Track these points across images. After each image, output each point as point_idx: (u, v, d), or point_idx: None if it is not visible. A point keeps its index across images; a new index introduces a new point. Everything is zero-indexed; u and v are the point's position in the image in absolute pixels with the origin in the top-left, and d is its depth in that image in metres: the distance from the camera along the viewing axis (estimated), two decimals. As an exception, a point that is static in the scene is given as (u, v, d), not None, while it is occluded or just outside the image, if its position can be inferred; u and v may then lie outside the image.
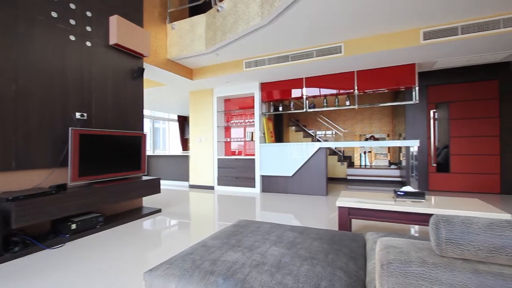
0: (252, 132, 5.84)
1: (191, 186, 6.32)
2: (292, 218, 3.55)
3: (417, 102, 4.59)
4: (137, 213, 3.58)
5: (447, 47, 3.67)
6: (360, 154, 7.44)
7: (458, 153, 5.12)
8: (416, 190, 2.30)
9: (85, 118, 3.08)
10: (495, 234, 0.72)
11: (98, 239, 2.68)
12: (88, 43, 3.16)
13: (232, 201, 4.71)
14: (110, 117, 3.42)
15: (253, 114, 5.82)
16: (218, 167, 5.97)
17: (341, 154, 7.69)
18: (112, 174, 3.24)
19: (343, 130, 8.35)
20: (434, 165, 5.23)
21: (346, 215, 2.37)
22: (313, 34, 3.78)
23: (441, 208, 2.05)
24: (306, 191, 5.12)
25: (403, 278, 0.74)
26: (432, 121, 5.25)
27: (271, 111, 5.95)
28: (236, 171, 5.77)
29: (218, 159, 5.99)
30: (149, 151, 9.37)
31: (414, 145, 4.30)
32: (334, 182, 6.90)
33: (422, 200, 2.26)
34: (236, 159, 5.81)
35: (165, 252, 2.33)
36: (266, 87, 5.65)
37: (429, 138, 5.25)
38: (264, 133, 5.74)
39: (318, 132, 8.71)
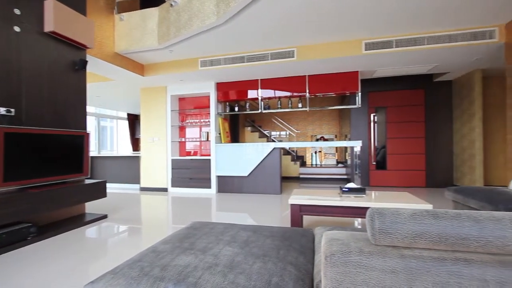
0: (208, 132, 5.75)
1: (143, 189, 5.95)
2: (247, 217, 3.60)
3: (360, 106, 5.06)
4: (79, 220, 3.24)
5: (384, 57, 4.12)
6: (312, 153, 7.89)
7: (393, 153, 5.78)
8: (358, 186, 2.54)
9: (13, 114, 2.68)
10: (417, 222, 0.82)
11: (28, 253, 2.35)
12: (17, 28, 2.75)
13: (187, 202, 4.58)
14: (46, 114, 3.03)
15: (209, 113, 5.74)
16: (172, 168, 5.74)
17: (294, 154, 8.04)
18: (47, 178, 2.88)
19: (296, 131, 8.74)
20: (374, 163, 5.83)
21: (298, 212, 2.49)
22: (269, 37, 3.88)
23: (377, 202, 2.30)
24: (261, 190, 5.23)
25: (343, 267, 0.81)
26: (372, 123, 5.84)
27: (227, 111, 5.94)
28: (191, 172, 5.62)
29: (172, 159, 5.76)
30: (94, 152, 8.54)
31: (357, 145, 4.73)
32: (287, 181, 7.18)
33: (363, 195, 2.50)
34: (191, 159, 5.66)
35: (111, 262, 2.16)
36: (222, 87, 5.62)
37: (370, 139, 5.83)
38: (220, 133, 5.70)
39: (273, 133, 8.97)
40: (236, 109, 5.94)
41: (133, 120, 10.29)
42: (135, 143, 10.23)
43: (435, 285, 0.77)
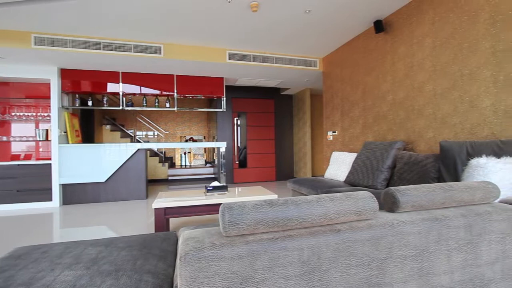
0: (48, 130, 4.54)
1: None
2: (106, 230, 3.12)
3: (225, 110, 5.49)
4: None
5: (244, 69, 4.66)
6: (181, 154, 7.79)
7: (252, 152, 6.65)
8: (221, 184, 2.75)
9: None
10: (258, 211, 0.95)
11: None
12: None
13: (11, 224, 3.41)
14: None
15: (49, 106, 4.53)
16: (-18, 179, 4.12)
17: (163, 155, 7.67)
18: None
19: (165, 132, 8.37)
20: (237, 162, 6.50)
21: (163, 216, 2.41)
22: (133, 27, 3.52)
23: (237, 197, 2.58)
24: (123, 196, 4.66)
25: (197, 264, 0.84)
26: (235, 126, 6.49)
27: (77, 105, 4.90)
28: (18, 181, 4.24)
29: (-18, 167, 4.13)
30: None
31: (222, 146, 5.10)
32: (155, 184, 6.76)
33: (226, 192, 2.73)
34: (19, 165, 4.27)
35: None
36: (69, 75, 4.58)
37: (234, 140, 6.45)
38: (66, 132, 4.62)
39: (138, 133, 8.19)
40: (90, 103, 5.01)
41: None
42: None
43: (270, 261, 0.91)
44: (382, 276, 1.02)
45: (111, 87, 4.81)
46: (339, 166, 3.55)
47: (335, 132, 4.52)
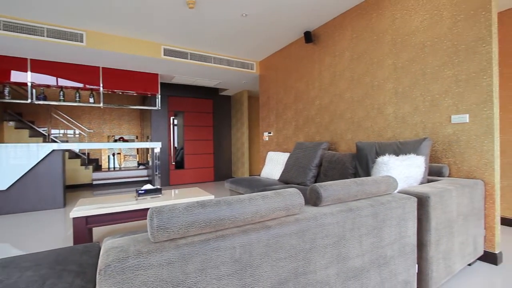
0: None
1: None
2: (7, 248, 2.59)
3: (160, 109, 5.19)
4: None
5: (181, 66, 4.49)
6: (109, 156, 7.01)
7: (190, 153, 6.45)
8: (154, 187, 2.59)
9: None
10: (189, 213, 0.93)
11: None
12: None
13: None
14: None
15: None
16: None
17: (86, 157, 6.79)
18: None
19: (89, 130, 7.41)
20: (174, 163, 6.21)
21: (84, 226, 2.13)
22: (46, 7, 3.01)
23: (171, 200, 2.47)
24: (33, 206, 3.95)
25: (120, 276, 0.76)
26: (172, 126, 6.19)
27: (-37, 96, 3.94)
28: None
29: None
30: None
31: (157, 147, 4.80)
32: (77, 189, 5.93)
33: (160, 195, 2.59)
34: None
35: None
36: (-50, 58, 3.65)
37: (170, 140, 6.15)
38: None
39: (54, 131, 7.04)
40: (-17, 94, 4.09)
41: None
42: None
43: (202, 263, 0.90)
44: (307, 265, 1.12)
45: (16, 76, 4.02)
46: (274, 165, 3.74)
47: (270, 133, 4.74)
